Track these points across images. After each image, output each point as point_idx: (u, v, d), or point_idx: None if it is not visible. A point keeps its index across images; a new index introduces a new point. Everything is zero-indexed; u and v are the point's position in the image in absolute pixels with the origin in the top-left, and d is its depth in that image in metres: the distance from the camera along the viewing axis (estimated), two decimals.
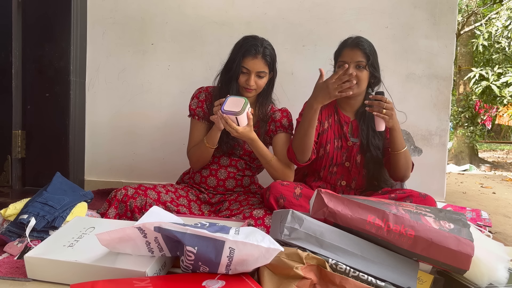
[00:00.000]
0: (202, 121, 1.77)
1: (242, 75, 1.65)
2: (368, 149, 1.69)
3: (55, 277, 1.09)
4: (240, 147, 1.75)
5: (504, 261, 1.12)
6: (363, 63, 1.61)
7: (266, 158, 1.66)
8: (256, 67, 1.63)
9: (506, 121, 10.72)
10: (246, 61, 1.63)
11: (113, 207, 1.57)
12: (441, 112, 2.23)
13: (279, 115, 1.77)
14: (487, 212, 2.19)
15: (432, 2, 2.21)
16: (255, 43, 1.65)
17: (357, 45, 1.62)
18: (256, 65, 1.63)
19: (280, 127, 1.76)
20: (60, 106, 2.35)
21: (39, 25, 2.37)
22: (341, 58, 1.65)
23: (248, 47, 1.64)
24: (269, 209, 1.53)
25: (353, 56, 1.62)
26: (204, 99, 1.78)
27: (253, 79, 1.64)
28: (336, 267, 1.02)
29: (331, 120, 1.75)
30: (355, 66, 1.61)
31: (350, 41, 1.66)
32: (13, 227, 1.35)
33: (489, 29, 7.09)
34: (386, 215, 1.07)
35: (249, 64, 1.63)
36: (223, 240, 0.96)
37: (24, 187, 2.43)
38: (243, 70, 1.64)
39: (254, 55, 1.63)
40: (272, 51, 1.69)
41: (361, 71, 1.62)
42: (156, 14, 2.41)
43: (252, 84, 1.64)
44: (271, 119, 1.77)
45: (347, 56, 1.63)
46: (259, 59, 1.63)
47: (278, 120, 1.76)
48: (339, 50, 1.69)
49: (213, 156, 1.75)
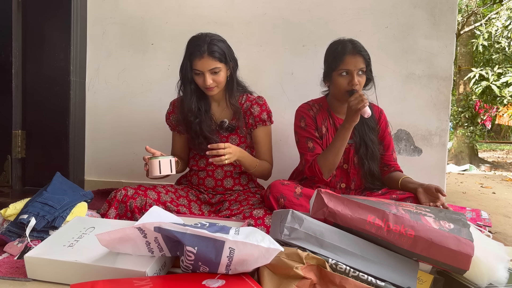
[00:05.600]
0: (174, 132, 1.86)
1: (197, 77, 1.65)
2: (363, 144, 1.71)
3: (55, 277, 1.09)
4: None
5: (504, 261, 1.12)
6: (364, 69, 1.64)
7: (253, 166, 1.71)
8: (206, 66, 1.61)
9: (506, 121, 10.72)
10: (195, 63, 1.61)
11: (113, 207, 1.57)
12: (441, 112, 2.23)
13: (258, 110, 1.76)
14: (487, 212, 2.19)
15: (432, 2, 2.21)
16: (198, 43, 1.62)
17: (359, 52, 1.63)
18: (205, 64, 1.61)
19: (259, 121, 1.77)
20: (60, 106, 2.35)
21: (39, 25, 2.37)
22: (343, 65, 1.62)
23: (192, 50, 1.62)
24: (269, 209, 1.54)
25: (356, 63, 1.62)
26: (171, 111, 1.85)
27: (208, 78, 1.62)
28: (336, 267, 1.02)
29: (327, 123, 1.76)
30: (357, 73, 1.62)
31: (349, 47, 1.64)
32: (13, 227, 1.36)
33: (489, 29, 7.09)
34: (386, 215, 1.07)
35: (198, 66, 1.61)
36: (223, 240, 0.96)
37: (24, 187, 2.43)
38: (195, 72, 1.63)
39: (200, 56, 1.60)
40: (220, 44, 1.65)
41: (361, 76, 1.64)
42: (156, 14, 2.41)
43: (210, 83, 1.63)
44: (250, 113, 1.76)
45: (351, 64, 1.62)
46: (206, 57, 1.60)
47: (258, 116, 1.76)
48: (339, 56, 1.64)
49: (206, 158, 1.74)
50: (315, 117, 1.75)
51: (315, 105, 1.79)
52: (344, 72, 1.62)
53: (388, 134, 1.80)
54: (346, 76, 1.63)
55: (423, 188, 1.52)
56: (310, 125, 1.74)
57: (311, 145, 1.71)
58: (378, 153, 1.74)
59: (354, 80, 1.60)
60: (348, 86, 1.62)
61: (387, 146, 1.78)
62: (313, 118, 1.75)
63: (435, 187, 1.48)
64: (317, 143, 1.72)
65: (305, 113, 1.76)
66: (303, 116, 1.76)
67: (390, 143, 1.80)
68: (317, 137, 1.73)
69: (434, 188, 1.48)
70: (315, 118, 1.75)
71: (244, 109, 1.77)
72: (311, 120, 1.74)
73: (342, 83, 1.63)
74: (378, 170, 1.75)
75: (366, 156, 1.71)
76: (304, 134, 1.74)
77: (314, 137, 1.72)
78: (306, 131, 1.74)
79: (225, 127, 1.75)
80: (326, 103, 1.80)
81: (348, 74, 1.62)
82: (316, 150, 1.71)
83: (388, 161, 1.77)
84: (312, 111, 1.76)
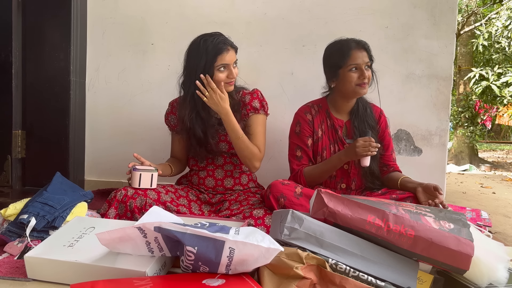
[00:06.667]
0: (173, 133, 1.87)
1: (220, 74, 1.64)
2: None
3: (55, 277, 1.09)
4: (224, 142, 1.76)
5: (504, 261, 1.12)
6: (369, 63, 1.67)
7: (237, 134, 1.67)
8: (233, 58, 1.67)
9: (506, 121, 10.73)
10: (222, 58, 1.63)
11: (113, 207, 1.57)
12: (441, 112, 2.23)
13: (249, 98, 1.77)
14: (487, 212, 2.19)
15: (432, 2, 2.21)
16: (220, 39, 1.66)
17: (364, 47, 1.67)
18: (232, 56, 1.66)
19: (251, 109, 1.76)
20: (60, 106, 2.35)
21: (39, 25, 2.37)
22: (351, 61, 1.64)
23: (216, 47, 1.63)
24: (269, 209, 1.54)
25: (363, 57, 1.66)
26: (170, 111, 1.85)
27: (232, 71, 1.66)
28: (336, 267, 1.02)
29: (324, 126, 1.77)
30: (364, 67, 1.65)
31: (353, 43, 1.67)
32: (13, 227, 1.36)
33: (489, 29, 7.09)
34: (386, 215, 1.08)
35: (226, 59, 1.63)
36: (223, 240, 0.96)
37: (24, 187, 2.43)
38: (220, 68, 1.64)
39: (226, 50, 1.64)
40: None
41: (368, 71, 1.67)
42: (156, 14, 2.41)
43: (234, 76, 1.67)
44: (243, 103, 1.77)
45: (359, 58, 1.64)
46: (231, 50, 1.66)
47: (249, 103, 1.76)
48: (346, 52, 1.65)
49: (207, 157, 1.78)
50: (313, 120, 1.76)
51: (314, 107, 1.79)
52: (353, 68, 1.65)
53: (388, 134, 1.81)
54: (356, 71, 1.66)
55: (422, 187, 1.53)
56: (304, 132, 1.75)
57: (299, 154, 1.75)
58: (378, 153, 1.74)
59: (365, 73, 1.64)
60: (359, 80, 1.64)
61: (386, 146, 1.79)
62: (310, 122, 1.76)
63: (433, 186, 1.50)
64: (305, 152, 1.74)
65: (302, 117, 1.77)
66: (299, 121, 1.77)
67: (390, 143, 1.80)
68: (308, 145, 1.74)
69: (433, 187, 1.49)
70: (312, 122, 1.76)
71: (238, 103, 1.77)
72: (307, 125, 1.75)
73: (352, 78, 1.65)
74: (378, 170, 1.75)
75: None
76: (295, 141, 1.77)
77: (304, 146, 1.74)
78: (299, 138, 1.75)
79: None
80: (325, 104, 1.80)
81: (358, 69, 1.65)
82: (303, 160, 1.74)
83: (387, 161, 1.78)
84: (310, 114, 1.77)
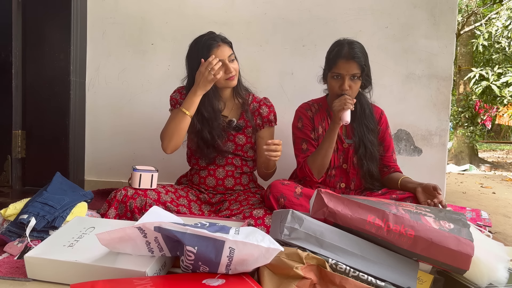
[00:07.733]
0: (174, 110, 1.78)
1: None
2: (362, 145, 1.71)
3: (55, 277, 1.09)
4: (231, 142, 1.76)
5: (504, 261, 1.12)
6: (358, 75, 1.63)
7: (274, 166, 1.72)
8: (226, 53, 1.66)
9: (506, 121, 10.72)
10: (213, 53, 1.63)
11: (113, 207, 1.57)
12: (441, 112, 2.23)
13: (267, 111, 1.80)
14: (487, 212, 2.19)
15: (432, 2, 2.21)
16: (210, 36, 1.67)
17: (353, 58, 1.61)
18: (225, 51, 1.65)
19: (267, 122, 1.80)
20: (60, 106, 2.35)
21: (39, 25, 2.37)
22: (336, 69, 1.64)
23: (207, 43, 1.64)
24: (269, 209, 1.54)
25: (349, 68, 1.62)
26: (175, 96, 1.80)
27: (229, 66, 1.65)
28: (336, 267, 1.02)
29: (324, 124, 1.77)
30: (349, 78, 1.63)
31: (344, 51, 1.63)
32: (13, 227, 1.35)
33: (489, 29, 7.09)
34: (386, 215, 1.08)
35: (218, 54, 1.64)
36: (223, 240, 0.96)
37: (24, 187, 2.43)
38: None
39: (217, 45, 1.64)
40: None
41: (355, 82, 1.64)
42: (156, 14, 2.41)
43: (232, 70, 1.66)
44: (258, 113, 1.79)
45: (343, 69, 1.62)
46: (222, 45, 1.66)
47: (266, 116, 1.80)
48: (333, 59, 1.65)
49: (215, 157, 1.77)
50: (313, 117, 1.77)
51: (314, 105, 1.80)
52: (336, 76, 1.64)
53: (389, 135, 1.81)
54: (338, 79, 1.65)
55: (421, 187, 1.53)
56: (306, 126, 1.75)
57: (305, 147, 1.74)
58: (377, 154, 1.74)
59: (344, 85, 1.62)
60: (339, 89, 1.64)
61: (387, 147, 1.79)
62: (310, 118, 1.76)
63: (433, 186, 1.50)
64: (311, 144, 1.74)
65: (303, 114, 1.77)
66: (301, 117, 1.78)
67: (390, 144, 1.80)
68: (313, 138, 1.75)
69: (432, 187, 1.50)
70: (313, 119, 1.76)
71: (252, 109, 1.80)
72: (308, 120, 1.76)
73: (333, 85, 1.66)
74: (377, 171, 1.75)
75: (365, 156, 1.71)
76: (299, 135, 1.77)
77: (309, 139, 1.74)
78: (302, 132, 1.76)
79: (233, 126, 1.77)
80: (325, 102, 1.81)
81: (340, 78, 1.64)
82: (309, 152, 1.73)
83: (388, 162, 1.78)
84: (310, 111, 1.78)
